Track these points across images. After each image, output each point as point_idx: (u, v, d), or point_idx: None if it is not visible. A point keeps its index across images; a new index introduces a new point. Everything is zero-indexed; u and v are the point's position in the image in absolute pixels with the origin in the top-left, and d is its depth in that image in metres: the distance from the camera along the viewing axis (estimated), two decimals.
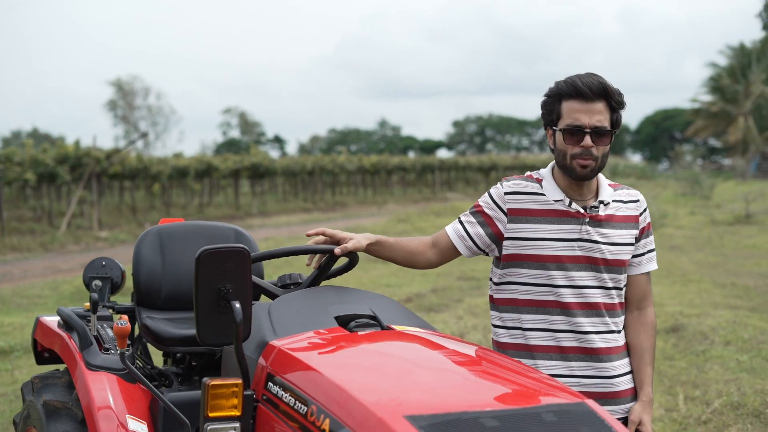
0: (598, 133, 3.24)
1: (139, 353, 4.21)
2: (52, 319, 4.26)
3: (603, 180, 3.45)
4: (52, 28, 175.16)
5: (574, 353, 3.31)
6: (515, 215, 3.37)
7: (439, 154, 72.04)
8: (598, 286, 3.33)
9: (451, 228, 3.49)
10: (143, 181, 31.84)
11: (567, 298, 3.31)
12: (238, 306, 2.64)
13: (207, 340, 2.70)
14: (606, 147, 3.29)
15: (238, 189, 35.87)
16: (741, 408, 6.66)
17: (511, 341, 3.39)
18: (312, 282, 3.53)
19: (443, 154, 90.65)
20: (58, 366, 4.31)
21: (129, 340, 3.90)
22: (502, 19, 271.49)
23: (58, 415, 3.64)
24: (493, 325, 3.48)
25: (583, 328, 3.30)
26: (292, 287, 3.50)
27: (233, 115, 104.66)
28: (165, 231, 4.28)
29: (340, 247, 3.35)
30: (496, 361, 2.80)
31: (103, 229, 24.02)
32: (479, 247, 3.43)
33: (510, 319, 3.40)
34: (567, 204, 3.33)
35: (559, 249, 3.31)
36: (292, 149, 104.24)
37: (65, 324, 3.97)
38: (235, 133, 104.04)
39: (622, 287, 3.40)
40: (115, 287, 4.25)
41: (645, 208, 3.47)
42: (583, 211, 3.32)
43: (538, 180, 3.44)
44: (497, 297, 3.45)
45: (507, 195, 3.40)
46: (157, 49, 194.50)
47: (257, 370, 2.85)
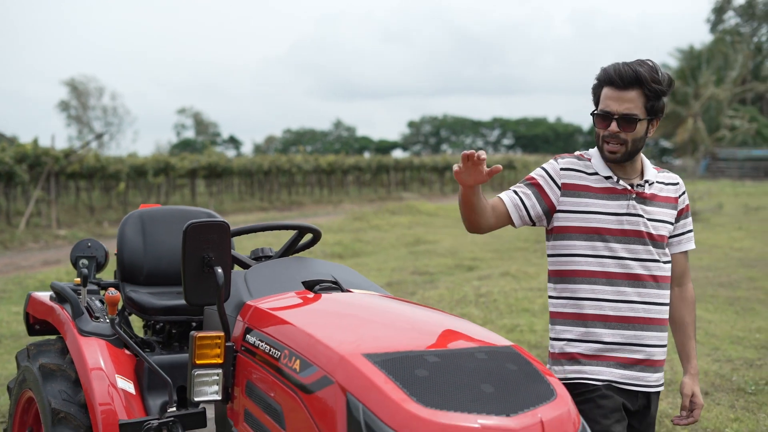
0: (626, 119, 3.41)
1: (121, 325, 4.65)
2: (43, 294, 4.69)
3: (647, 162, 3.63)
4: (1, 27, 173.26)
5: (618, 322, 3.46)
6: (568, 189, 3.54)
7: (394, 155, 72.36)
8: (642, 259, 3.50)
9: (506, 196, 3.56)
10: (99, 181, 31.97)
11: (612, 268, 3.48)
12: (220, 271, 3.10)
13: (193, 301, 3.15)
14: (636, 132, 3.44)
15: (194, 188, 36.09)
16: (672, 384, 7.23)
17: (563, 311, 3.55)
18: (281, 255, 4.00)
19: (398, 154, 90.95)
20: (48, 336, 4.73)
21: None
22: (457, 20, 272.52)
23: (53, 377, 4.08)
24: (549, 296, 3.65)
25: (628, 298, 3.47)
26: (263, 259, 3.97)
27: (188, 116, 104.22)
28: (146, 214, 4.73)
29: (478, 153, 3.15)
30: (439, 315, 3.28)
31: (62, 228, 24.21)
32: (531, 217, 3.55)
33: (562, 289, 3.56)
34: (615, 181, 3.52)
35: (607, 222, 3.49)
36: (247, 150, 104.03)
37: (58, 296, 4.41)
38: (189, 134, 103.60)
39: (666, 261, 3.57)
40: (99, 266, 4.69)
41: (684, 192, 3.67)
42: (630, 188, 3.52)
43: (588, 159, 3.61)
44: (550, 269, 3.62)
45: (563, 171, 3.57)
46: (111, 49, 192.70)
47: (236, 327, 3.31)
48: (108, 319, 4.12)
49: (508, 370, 2.73)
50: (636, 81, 3.40)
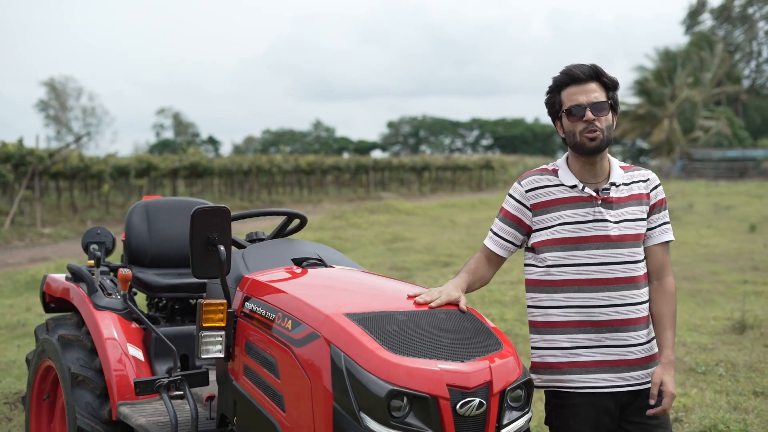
0: (596, 107, 3.57)
1: None
2: (58, 276, 5.23)
3: (615, 163, 3.73)
4: None
5: (590, 326, 3.59)
6: (537, 208, 3.69)
7: (373, 155, 72.96)
8: (612, 263, 3.58)
9: (491, 243, 3.81)
10: (80, 182, 32.38)
11: (583, 275, 3.59)
12: (222, 249, 3.65)
13: (200, 275, 3.69)
14: (608, 119, 3.60)
15: (176, 188, 36.52)
16: None
17: (539, 319, 3.72)
18: (273, 237, 4.57)
19: (378, 154, 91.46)
20: (63, 313, 5.27)
21: None
22: (434, 21, 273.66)
23: (71, 346, 4.64)
24: (527, 306, 3.81)
25: (599, 302, 3.57)
26: (257, 241, 4.52)
27: (167, 116, 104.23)
28: (150, 204, 5.29)
29: (436, 302, 3.49)
30: (407, 285, 3.84)
31: (46, 227, 24.64)
32: (515, 245, 3.79)
33: (537, 299, 3.71)
34: (581, 189, 3.63)
35: (574, 231, 3.60)
36: (226, 150, 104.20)
37: (74, 276, 4.96)
38: (168, 134, 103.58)
39: (640, 260, 3.64)
40: (108, 251, 5.23)
41: (656, 186, 3.72)
42: (595, 194, 3.62)
43: (553, 171, 3.74)
44: (526, 278, 3.78)
45: (528, 192, 3.72)
46: (88, 49, 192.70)
47: (236, 296, 3.87)
48: (120, 295, 4.70)
49: (464, 326, 3.32)
50: (594, 73, 3.63)
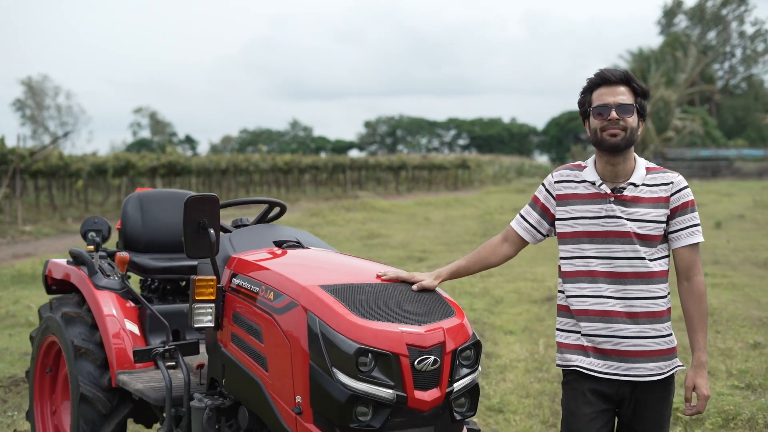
0: (623, 108, 3.76)
1: None
2: (59, 260, 5.73)
3: (641, 164, 3.88)
4: None
5: (597, 315, 3.79)
6: (561, 200, 3.93)
7: (350, 155, 73.35)
8: (623, 257, 3.76)
9: (515, 223, 4.06)
10: (58, 180, 32.71)
11: (595, 267, 3.79)
12: (212, 232, 4.15)
13: (192, 255, 4.19)
14: (633, 121, 3.77)
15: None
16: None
17: (562, 304, 3.96)
18: (256, 223, 5.08)
19: (355, 154, 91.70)
20: (64, 294, 5.76)
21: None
22: (409, 21, 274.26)
23: (74, 322, 5.14)
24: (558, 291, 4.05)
25: (607, 294, 3.77)
26: (242, 226, 5.03)
27: (144, 115, 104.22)
28: (144, 196, 5.80)
29: (416, 285, 3.96)
30: (375, 264, 4.36)
31: (27, 224, 25.01)
32: (540, 232, 4.03)
33: (561, 285, 3.96)
34: (598, 186, 3.84)
35: (590, 225, 3.81)
36: (203, 150, 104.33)
37: (75, 260, 5.46)
38: (145, 134, 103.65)
39: (653, 258, 3.78)
40: (104, 238, 5.74)
41: (678, 190, 3.80)
42: (609, 192, 3.81)
43: (582, 167, 3.96)
44: (561, 269, 3.96)
45: (557, 183, 3.97)
46: (65, 48, 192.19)
47: (224, 274, 4.38)
48: (118, 276, 5.21)
49: (422, 296, 3.86)
50: (625, 77, 3.83)
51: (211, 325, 4.23)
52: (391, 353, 3.50)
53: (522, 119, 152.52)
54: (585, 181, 3.90)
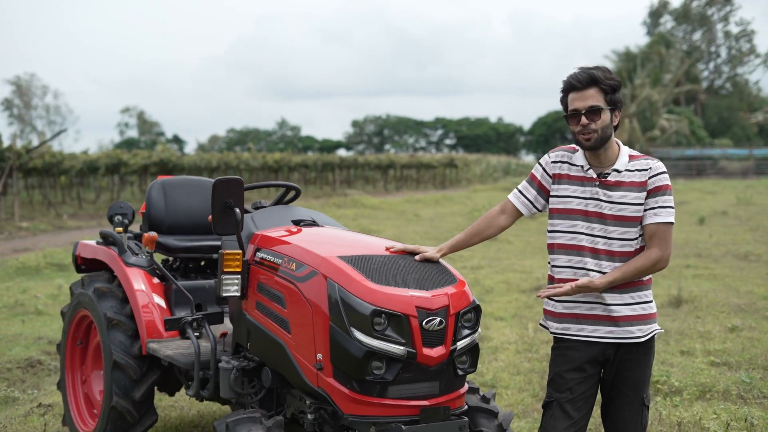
0: (591, 111, 4.13)
1: None
2: (88, 242, 6.20)
3: (624, 152, 4.28)
4: None
5: None
6: (556, 178, 4.36)
7: (338, 154, 73.70)
8: (601, 236, 4.20)
9: (513, 197, 4.48)
10: (51, 178, 33.05)
11: (581, 242, 4.23)
12: (237, 211, 4.62)
13: (219, 231, 4.64)
14: (604, 120, 4.15)
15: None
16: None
17: (550, 274, 4.38)
18: (274, 204, 5.56)
19: (342, 153, 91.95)
20: (94, 272, 6.20)
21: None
22: (395, 21, 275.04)
23: (105, 296, 5.61)
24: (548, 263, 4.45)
25: (589, 266, 4.21)
26: (261, 208, 5.49)
27: (131, 115, 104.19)
28: (167, 182, 6.26)
29: (420, 256, 4.40)
30: (385, 240, 4.84)
31: (23, 221, 25.38)
32: (536, 206, 4.44)
33: (551, 258, 4.37)
34: (585, 170, 4.28)
35: (578, 204, 4.25)
36: (191, 149, 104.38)
37: (105, 240, 5.93)
38: (133, 133, 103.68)
39: (629, 239, 4.19)
40: (129, 221, 6.20)
41: (655, 174, 4.19)
42: (595, 176, 4.24)
43: (575, 150, 4.37)
44: (547, 242, 4.43)
45: (553, 163, 4.39)
46: (52, 47, 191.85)
47: (248, 249, 4.85)
48: (146, 253, 5.69)
49: (428, 266, 4.34)
50: (591, 80, 4.16)
51: (238, 294, 4.70)
52: (402, 314, 3.98)
53: (508, 119, 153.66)
54: (576, 164, 4.32)
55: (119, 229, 5.97)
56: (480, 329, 4.40)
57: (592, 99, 4.16)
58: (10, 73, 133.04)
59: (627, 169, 4.24)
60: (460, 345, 4.16)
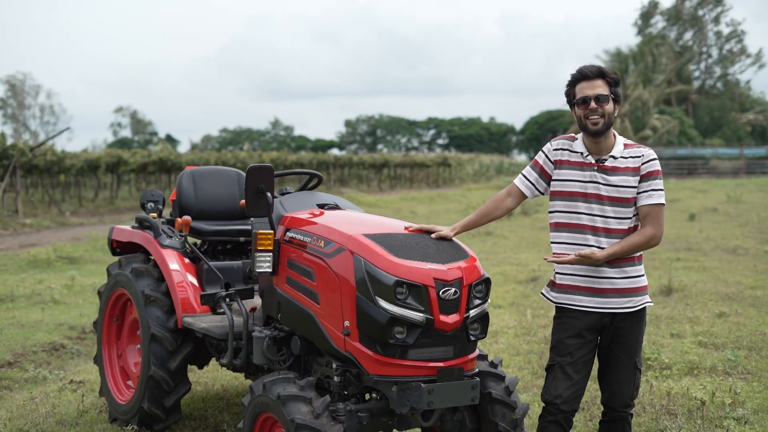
0: (599, 98, 4.66)
1: None
2: (123, 227, 6.68)
3: (620, 141, 4.78)
4: None
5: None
6: (557, 164, 4.86)
7: (332, 153, 73.99)
8: (602, 216, 4.69)
9: (518, 181, 4.96)
10: (52, 176, 33.42)
11: (582, 221, 4.73)
12: (268, 194, 5.09)
13: (252, 214, 5.11)
14: (609, 107, 4.67)
15: (146, 182, 37.61)
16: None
17: (554, 251, 4.86)
18: (299, 190, 6.04)
19: (335, 153, 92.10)
20: (130, 254, 6.66)
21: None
22: (386, 22, 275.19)
23: (142, 275, 6.10)
24: (550, 242, 4.94)
25: (588, 243, 4.70)
26: (287, 194, 5.98)
27: (125, 115, 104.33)
28: (195, 172, 6.74)
29: (435, 234, 4.87)
30: (404, 222, 5.32)
31: (27, 218, 25.80)
32: (538, 189, 4.93)
33: (553, 236, 4.87)
34: (584, 156, 4.77)
35: (578, 187, 4.75)
36: (184, 149, 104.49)
37: (140, 224, 6.42)
38: (126, 133, 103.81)
39: (628, 217, 4.70)
40: (161, 207, 6.68)
41: (647, 161, 4.69)
42: (594, 162, 4.74)
43: (574, 138, 4.88)
44: (550, 222, 4.90)
45: (555, 150, 4.89)
46: (45, 47, 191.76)
47: (278, 230, 5.33)
48: (180, 236, 6.17)
49: (443, 243, 4.83)
50: (600, 72, 4.73)
51: (269, 270, 5.18)
52: (422, 285, 4.45)
53: (500, 119, 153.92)
54: (576, 151, 4.83)
55: (153, 214, 6.45)
56: (489, 300, 4.89)
57: (600, 88, 4.69)
58: (3, 72, 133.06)
59: (622, 156, 4.75)
60: (472, 313, 4.63)
